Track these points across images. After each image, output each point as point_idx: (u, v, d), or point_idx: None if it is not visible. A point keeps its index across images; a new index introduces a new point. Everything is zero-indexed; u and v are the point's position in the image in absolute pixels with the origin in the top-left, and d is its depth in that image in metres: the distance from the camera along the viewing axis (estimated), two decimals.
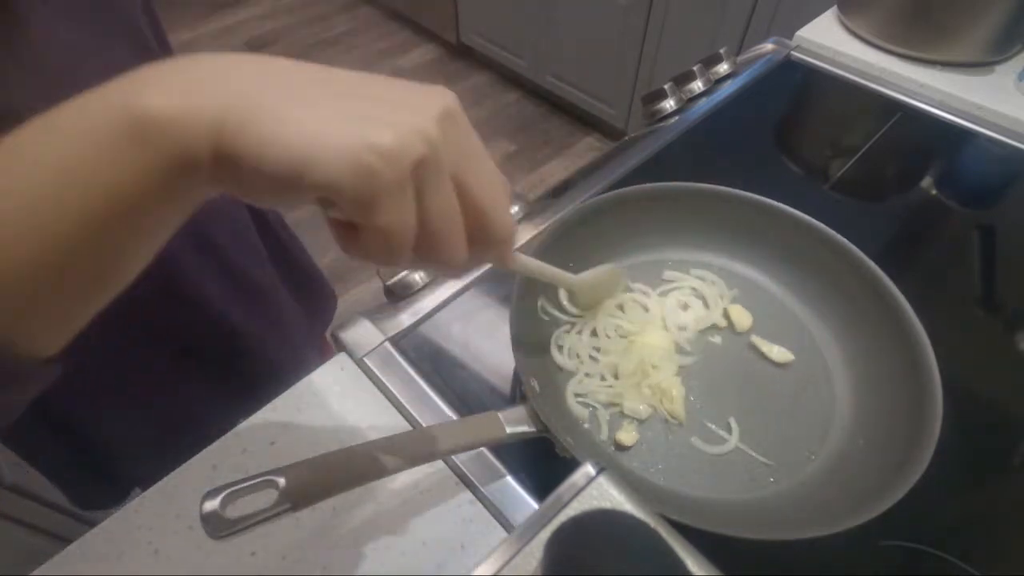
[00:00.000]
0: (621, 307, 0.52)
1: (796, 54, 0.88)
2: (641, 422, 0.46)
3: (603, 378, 0.48)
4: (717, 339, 0.51)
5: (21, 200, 0.21)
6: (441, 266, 0.25)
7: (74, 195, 0.21)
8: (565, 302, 0.51)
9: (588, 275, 0.48)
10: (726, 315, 0.52)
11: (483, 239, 0.26)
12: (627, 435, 0.45)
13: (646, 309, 0.52)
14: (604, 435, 0.45)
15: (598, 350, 0.49)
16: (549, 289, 0.51)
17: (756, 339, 0.50)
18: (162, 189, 0.22)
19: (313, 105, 0.22)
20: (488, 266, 0.56)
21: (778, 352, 0.50)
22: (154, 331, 0.53)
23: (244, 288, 0.57)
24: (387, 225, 0.22)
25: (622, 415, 0.46)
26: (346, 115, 0.21)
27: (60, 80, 0.39)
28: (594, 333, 0.50)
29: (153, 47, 0.46)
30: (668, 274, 0.55)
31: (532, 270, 0.41)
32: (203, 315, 0.54)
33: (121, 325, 0.49)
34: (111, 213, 0.21)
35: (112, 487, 0.60)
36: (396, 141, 0.21)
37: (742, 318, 0.52)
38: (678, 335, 0.51)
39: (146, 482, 0.42)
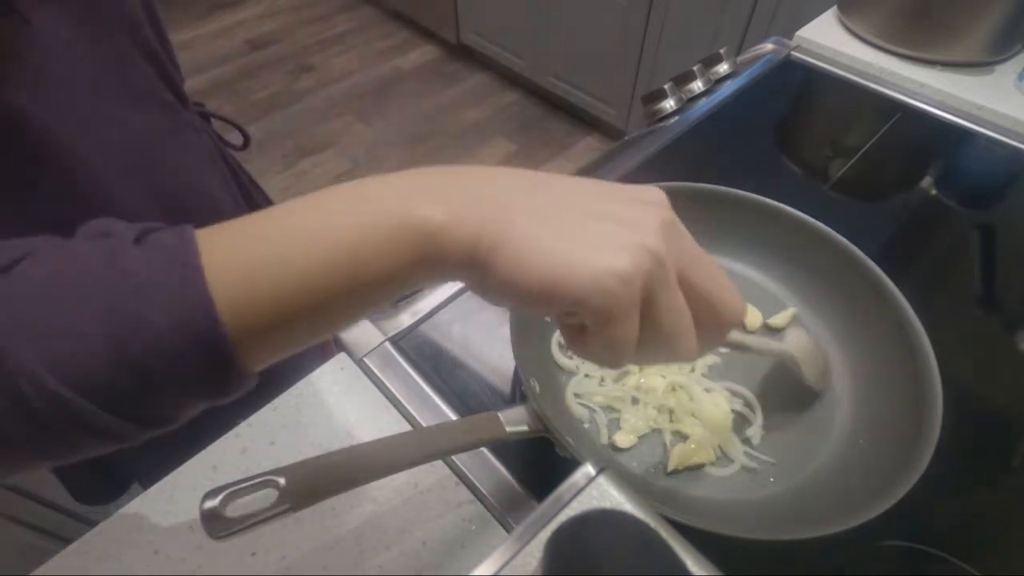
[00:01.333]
0: None
1: (796, 54, 0.88)
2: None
3: (601, 382, 0.48)
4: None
5: (309, 262, 0.24)
6: (674, 358, 0.28)
7: (348, 271, 0.25)
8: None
9: (797, 343, 0.46)
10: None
11: (714, 325, 0.28)
12: (624, 438, 0.45)
13: None
14: (604, 438, 0.45)
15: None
16: None
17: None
18: (411, 278, 0.26)
19: (553, 225, 0.25)
20: None
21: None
22: None
23: None
24: (617, 335, 0.25)
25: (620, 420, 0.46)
26: (584, 239, 0.25)
27: (60, 79, 0.39)
28: None
29: (154, 47, 0.46)
30: None
31: (744, 345, 0.42)
32: None
33: None
34: (369, 288, 0.25)
35: (110, 481, 0.60)
36: (631, 265, 0.24)
37: (752, 317, 0.52)
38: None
39: (144, 477, 0.42)
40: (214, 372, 0.24)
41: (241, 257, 0.24)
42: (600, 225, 0.25)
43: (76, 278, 0.23)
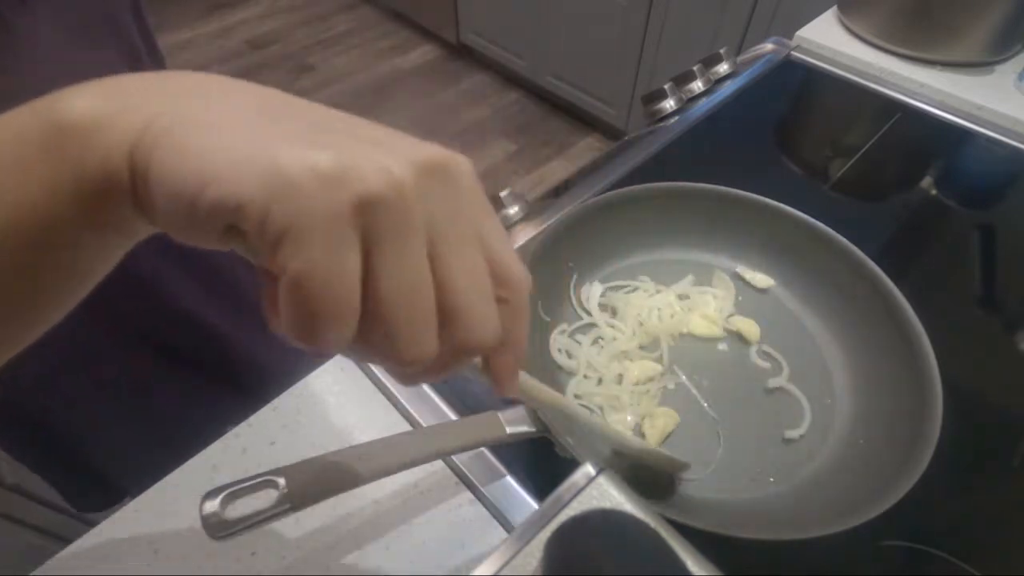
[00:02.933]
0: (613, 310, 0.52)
1: (796, 54, 0.88)
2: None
3: (599, 382, 0.48)
4: (724, 347, 0.51)
5: None
6: (393, 361, 0.18)
7: None
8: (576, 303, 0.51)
9: (642, 445, 0.40)
10: (734, 327, 0.52)
11: (453, 341, 0.19)
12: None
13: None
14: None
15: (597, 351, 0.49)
16: (550, 290, 0.51)
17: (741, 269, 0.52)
18: (79, 208, 0.18)
19: (257, 124, 0.17)
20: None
21: (761, 279, 0.52)
22: (134, 335, 0.52)
23: (229, 293, 0.57)
24: (305, 270, 0.16)
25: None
26: (287, 135, 0.17)
27: (46, 86, 0.39)
28: (595, 341, 0.50)
29: (141, 51, 0.46)
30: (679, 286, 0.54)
31: (546, 402, 0.30)
32: (191, 322, 0.53)
33: (98, 329, 0.49)
34: (23, 231, 0.18)
35: (103, 489, 0.60)
36: (338, 164, 0.16)
37: (750, 330, 0.52)
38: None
39: (137, 486, 0.42)
40: None
41: None
42: (328, 135, 0.17)
43: None
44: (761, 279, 0.54)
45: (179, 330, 0.54)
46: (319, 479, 0.33)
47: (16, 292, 0.20)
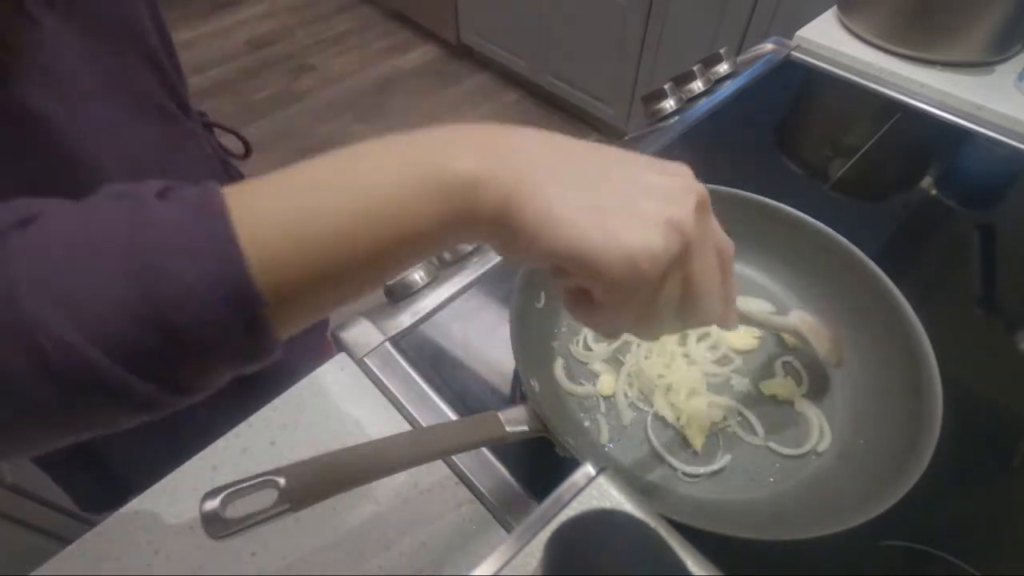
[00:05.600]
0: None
1: (796, 54, 0.88)
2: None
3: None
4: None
5: (346, 214, 0.24)
6: (638, 335, 0.30)
7: (387, 224, 0.24)
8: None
9: (797, 316, 0.47)
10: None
11: (693, 314, 0.28)
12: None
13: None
14: (604, 438, 0.45)
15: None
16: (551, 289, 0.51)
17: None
18: (450, 233, 0.26)
19: (587, 189, 0.25)
20: (490, 265, 0.56)
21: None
22: None
23: None
24: (630, 309, 0.26)
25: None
26: (618, 207, 0.25)
27: (68, 82, 0.39)
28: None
29: (160, 57, 0.47)
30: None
31: (750, 319, 0.43)
32: None
33: None
34: (406, 243, 0.25)
35: (110, 488, 0.60)
36: (664, 245, 0.24)
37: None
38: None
39: (142, 487, 0.42)
40: (244, 331, 0.23)
41: (272, 207, 0.23)
42: (636, 194, 0.25)
43: (98, 233, 0.21)
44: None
45: None
46: (319, 479, 0.33)
47: (380, 273, 0.26)
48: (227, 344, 0.23)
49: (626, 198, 0.25)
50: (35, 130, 0.37)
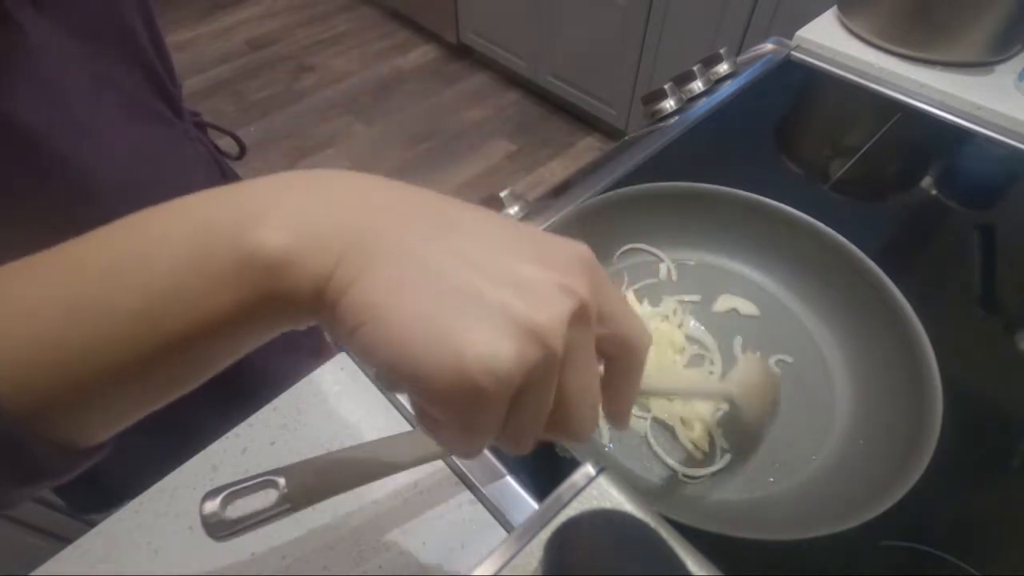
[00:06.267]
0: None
1: (796, 54, 0.88)
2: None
3: None
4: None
5: (111, 317, 0.20)
6: (504, 449, 0.24)
7: (167, 321, 0.20)
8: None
9: (741, 377, 0.42)
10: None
11: (558, 433, 0.24)
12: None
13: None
14: (605, 438, 0.45)
15: None
16: None
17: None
18: (256, 325, 0.21)
19: (434, 274, 0.19)
20: None
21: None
22: None
23: None
24: (474, 433, 0.20)
25: None
26: (466, 304, 0.19)
27: (57, 90, 0.39)
28: None
29: (150, 59, 0.46)
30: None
31: (665, 391, 0.38)
32: None
33: None
34: (201, 337, 0.20)
35: (101, 492, 0.59)
36: (515, 356, 0.18)
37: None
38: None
39: (134, 490, 0.42)
40: (14, 451, 0.20)
41: (23, 319, 0.19)
42: (494, 288, 0.19)
43: None
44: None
45: None
46: (319, 479, 0.33)
47: (183, 372, 0.22)
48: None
49: (479, 292, 0.19)
50: (22, 139, 0.37)
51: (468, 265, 0.20)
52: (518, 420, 0.21)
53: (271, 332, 0.22)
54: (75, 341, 0.20)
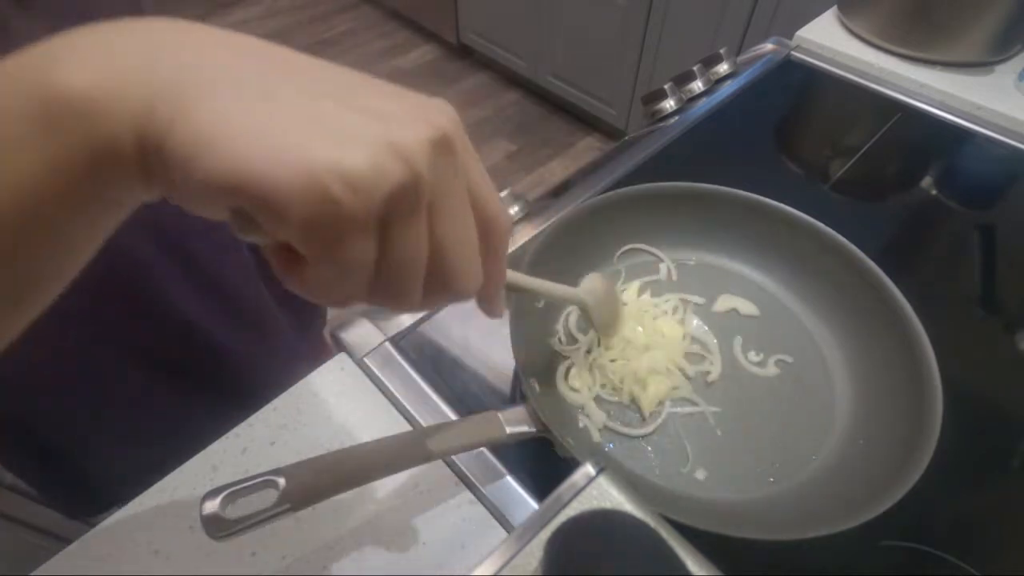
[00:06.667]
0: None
1: (796, 54, 0.88)
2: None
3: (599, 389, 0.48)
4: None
5: None
6: (383, 306, 0.22)
7: None
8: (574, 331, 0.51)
9: (589, 287, 0.46)
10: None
11: (441, 290, 0.22)
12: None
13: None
14: (599, 437, 0.45)
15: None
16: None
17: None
18: (83, 184, 0.18)
19: (274, 100, 0.17)
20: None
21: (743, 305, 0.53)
22: (134, 350, 0.51)
23: (231, 306, 0.56)
24: (343, 265, 0.18)
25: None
26: (314, 120, 0.17)
27: None
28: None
29: None
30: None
31: (528, 288, 0.39)
32: (188, 335, 0.52)
33: (98, 342, 0.49)
34: (25, 210, 0.18)
35: (91, 498, 0.59)
36: (371, 166, 0.17)
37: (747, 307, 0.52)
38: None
39: (125, 496, 0.42)
40: None
41: None
42: (347, 110, 0.18)
43: None
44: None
45: (180, 342, 0.53)
46: (319, 479, 0.33)
47: (10, 270, 0.19)
48: None
49: (330, 115, 0.18)
50: None
51: (319, 95, 0.18)
52: (391, 259, 0.19)
53: (111, 195, 0.19)
54: None
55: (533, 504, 0.42)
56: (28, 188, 0.17)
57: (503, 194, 0.60)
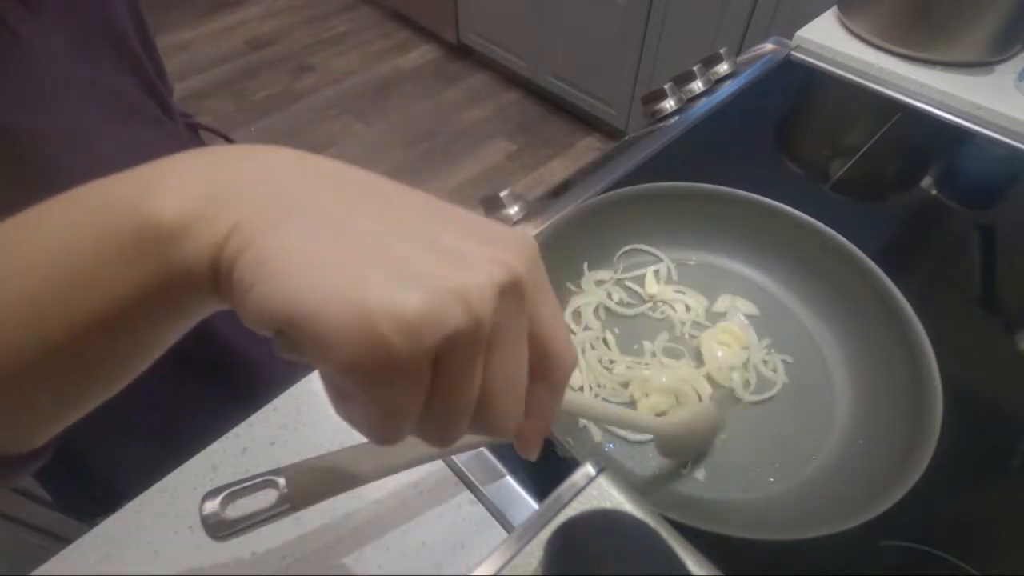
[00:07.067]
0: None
1: (796, 54, 0.88)
2: None
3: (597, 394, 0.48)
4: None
5: (18, 302, 0.19)
6: (428, 442, 0.21)
7: (76, 301, 0.19)
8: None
9: (684, 416, 0.42)
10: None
11: (477, 428, 0.21)
12: None
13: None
14: (599, 437, 0.45)
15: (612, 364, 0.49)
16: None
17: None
18: (166, 301, 0.19)
19: (342, 232, 0.17)
20: None
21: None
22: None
23: None
24: (389, 408, 0.18)
25: None
26: (378, 257, 0.17)
27: (49, 93, 0.39)
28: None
29: (140, 59, 0.46)
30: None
31: (592, 415, 0.37)
32: (197, 327, 0.53)
33: None
34: (112, 324, 0.19)
35: (97, 496, 0.59)
36: (428, 311, 0.16)
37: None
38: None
39: (132, 493, 0.42)
40: None
41: None
42: (415, 251, 0.17)
43: None
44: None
45: (196, 342, 0.53)
46: (319, 479, 0.33)
47: (103, 363, 0.21)
48: None
49: (398, 254, 0.17)
50: (10, 142, 0.37)
51: (389, 229, 0.18)
52: (440, 401, 0.18)
53: (183, 315, 0.21)
54: None
55: (533, 504, 0.42)
56: (111, 304, 0.19)
57: (503, 194, 0.60)
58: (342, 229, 0.18)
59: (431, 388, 0.18)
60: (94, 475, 0.58)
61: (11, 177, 0.38)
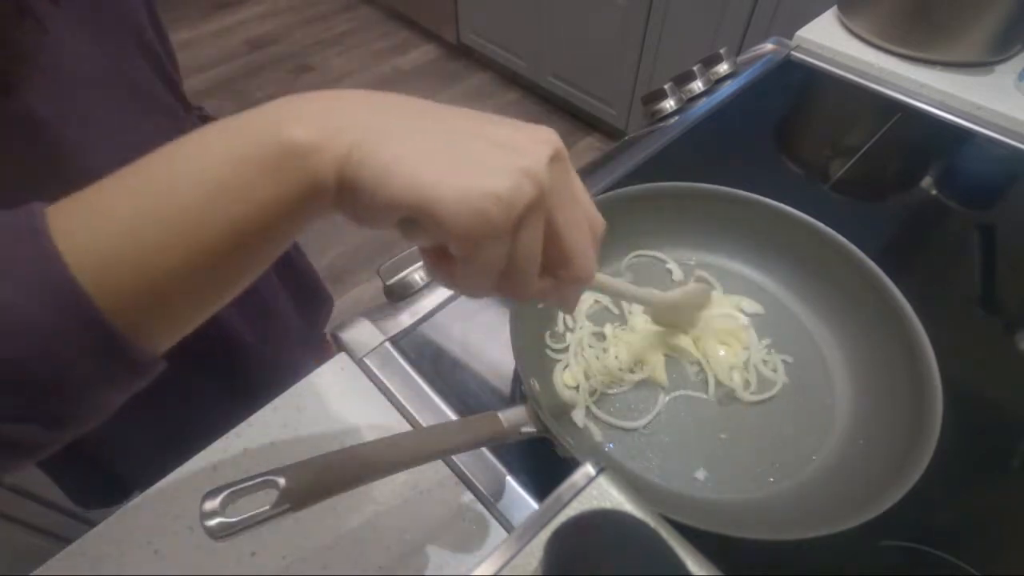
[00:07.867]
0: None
1: (796, 54, 0.88)
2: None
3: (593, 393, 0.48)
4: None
5: (176, 210, 0.23)
6: (508, 295, 0.27)
7: (223, 210, 0.23)
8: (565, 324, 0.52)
9: (676, 293, 0.49)
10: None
11: (558, 277, 0.28)
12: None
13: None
14: (599, 436, 0.45)
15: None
16: None
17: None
18: (295, 209, 0.24)
19: (431, 143, 0.24)
20: None
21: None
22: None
23: (245, 297, 0.56)
24: (486, 263, 0.24)
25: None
26: (463, 157, 0.24)
27: (72, 83, 0.39)
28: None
29: (156, 50, 0.47)
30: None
31: (611, 289, 0.42)
32: (208, 326, 0.53)
33: None
34: (251, 228, 0.23)
35: (108, 486, 0.60)
36: (512, 189, 0.23)
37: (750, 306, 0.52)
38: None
39: (138, 486, 0.42)
40: (98, 349, 0.22)
41: (99, 214, 0.22)
42: (483, 146, 0.24)
43: None
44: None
45: (203, 337, 0.54)
46: (319, 479, 0.33)
47: (235, 267, 0.25)
48: (84, 366, 0.22)
49: (473, 150, 0.24)
50: (34, 132, 0.38)
51: (464, 134, 0.25)
52: (519, 255, 0.25)
53: (305, 221, 0.25)
54: (149, 237, 0.22)
55: (533, 504, 0.42)
56: (260, 210, 0.23)
57: None
58: (428, 139, 0.24)
59: (513, 246, 0.25)
60: (104, 466, 0.58)
61: (40, 164, 0.39)
